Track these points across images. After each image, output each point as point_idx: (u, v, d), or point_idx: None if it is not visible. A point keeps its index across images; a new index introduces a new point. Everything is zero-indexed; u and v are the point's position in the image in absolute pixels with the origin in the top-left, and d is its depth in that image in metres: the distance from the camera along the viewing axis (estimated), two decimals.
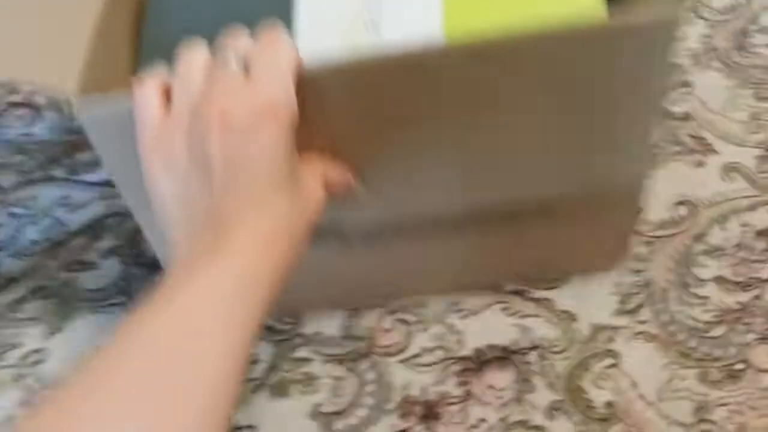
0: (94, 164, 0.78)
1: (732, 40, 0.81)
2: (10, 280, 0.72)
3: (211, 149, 0.43)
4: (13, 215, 0.76)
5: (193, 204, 0.44)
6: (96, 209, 0.75)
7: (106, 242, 0.73)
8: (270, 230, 0.44)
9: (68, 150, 0.79)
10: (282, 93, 0.43)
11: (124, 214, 0.73)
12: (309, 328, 0.67)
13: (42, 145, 0.80)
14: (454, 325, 0.66)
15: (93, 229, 0.74)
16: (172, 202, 0.45)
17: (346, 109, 0.48)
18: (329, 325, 0.67)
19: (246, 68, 0.44)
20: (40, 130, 0.81)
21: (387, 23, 0.54)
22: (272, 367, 0.65)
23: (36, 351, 0.68)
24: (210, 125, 0.43)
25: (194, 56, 0.45)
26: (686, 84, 0.78)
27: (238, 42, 0.45)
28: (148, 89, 0.46)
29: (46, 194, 0.77)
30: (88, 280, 0.72)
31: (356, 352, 0.65)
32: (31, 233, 0.74)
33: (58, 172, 0.78)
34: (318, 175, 0.49)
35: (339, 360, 0.65)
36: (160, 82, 0.46)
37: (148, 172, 0.45)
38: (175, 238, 0.46)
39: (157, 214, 0.47)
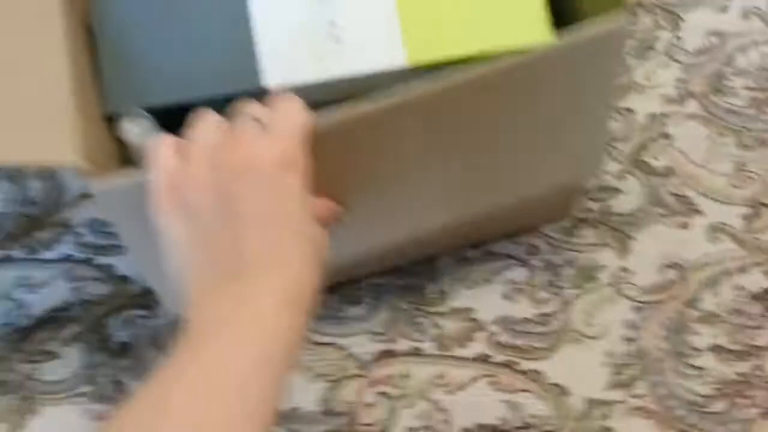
0: (54, 241, 0.73)
1: (708, 84, 0.79)
2: None
3: (239, 190, 0.44)
4: None
5: (213, 249, 0.44)
6: (58, 291, 0.71)
7: (69, 330, 0.69)
8: (293, 290, 0.44)
9: (26, 227, 0.75)
10: (299, 145, 0.46)
11: (91, 301, 0.70)
12: (285, 403, 0.64)
13: None
14: (439, 401, 0.63)
15: (56, 320, 0.70)
16: (187, 249, 0.45)
17: (341, 154, 0.51)
18: (307, 399, 0.64)
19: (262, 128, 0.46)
20: None
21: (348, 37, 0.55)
22: None
23: None
24: (237, 168, 0.44)
25: (209, 118, 0.47)
26: (665, 135, 0.75)
27: (253, 107, 0.47)
28: (163, 145, 0.47)
29: (4, 275, 0.72)
30: (50, 370, 0.67)
31: None
32: None
33: (17, 252, 0.73)
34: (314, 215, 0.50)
35: None
36: (173, 142, 0.47)
37: (161, 220, 0.46)
38: (192, 287, 0.45)
39: (170, 267, 0.47)
